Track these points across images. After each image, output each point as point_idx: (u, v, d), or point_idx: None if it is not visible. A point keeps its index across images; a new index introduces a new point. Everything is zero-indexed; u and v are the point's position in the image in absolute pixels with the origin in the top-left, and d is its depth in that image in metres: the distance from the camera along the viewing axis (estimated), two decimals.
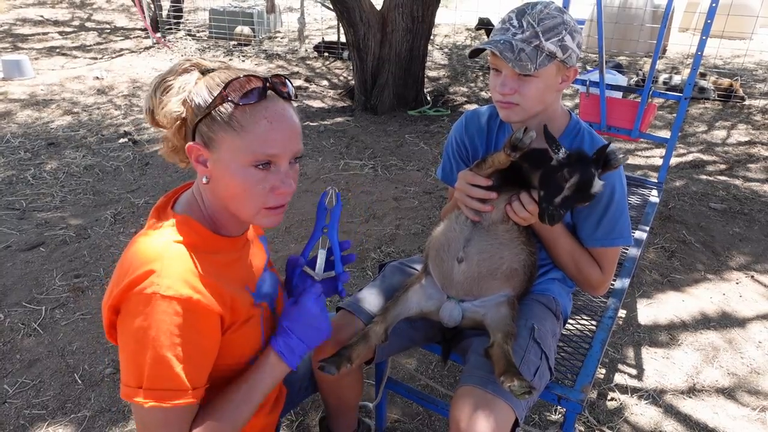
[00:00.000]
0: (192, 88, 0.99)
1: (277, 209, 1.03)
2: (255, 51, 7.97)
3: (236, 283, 1.07)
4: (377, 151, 4.58)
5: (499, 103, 1.37)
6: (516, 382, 1.13)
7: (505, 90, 1.31)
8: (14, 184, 3.78)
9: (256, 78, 0.97)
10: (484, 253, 1.33)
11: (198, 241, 1.01)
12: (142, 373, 0.92)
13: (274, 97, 0.99)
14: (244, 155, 0.95)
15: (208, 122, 0.97)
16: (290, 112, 1.01)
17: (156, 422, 0.95)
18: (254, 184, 0.97)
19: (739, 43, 8.32)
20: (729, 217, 3.57)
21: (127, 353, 0.94)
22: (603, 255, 1.43)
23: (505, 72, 1.31)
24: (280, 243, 3.12)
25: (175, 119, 1.00)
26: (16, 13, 9.77)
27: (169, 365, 0.92)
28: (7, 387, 2.08)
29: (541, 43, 1.26)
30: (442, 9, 6.31)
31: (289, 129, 0.99)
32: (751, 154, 4.71)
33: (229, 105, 0.95)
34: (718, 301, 2.74)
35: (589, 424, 1.99)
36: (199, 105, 0.97)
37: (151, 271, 0.91)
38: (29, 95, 5.70)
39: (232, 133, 0.95)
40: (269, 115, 0.96)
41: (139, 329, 0.91)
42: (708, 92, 6.02)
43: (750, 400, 2.13)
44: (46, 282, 2.71)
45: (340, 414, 1.68)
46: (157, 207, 1.06)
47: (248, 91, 0.95)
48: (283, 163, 0.99)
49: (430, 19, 5.47)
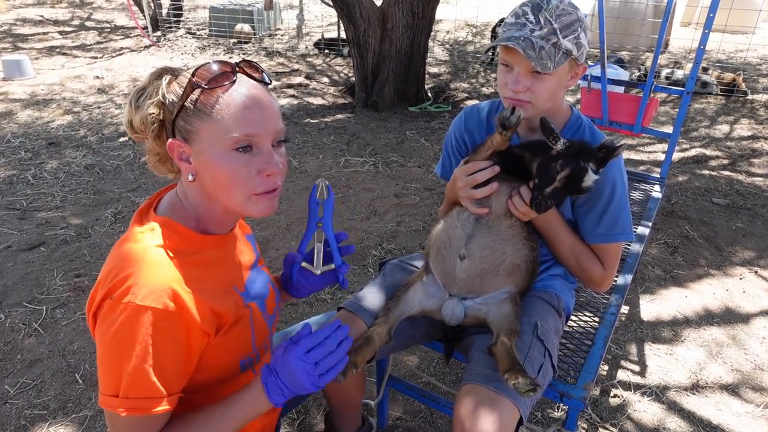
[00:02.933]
0: (164, 89, 0.99)
1: (268, 194, 1.00)
2: (255, 48, 7.95)
3: (223, 285, 1.06)
4: (378, 147, 4.57)
5: (509, 100, 1.34)
6: (521, 379, 1.12)
7: (518, 87, 1.28)
8: (15, 183, 3.77)
9: (224, 62, 0.98)
10: (486, 249, 1.32)
11: (180, 242, 1.00)
12: (119, 381, 0.92)
13: (244, 79, 0.99)
14: (223, 140, 0.94)
15: (183, 115, 0.97)
16: (263, 91, 1.00)
17: (128, 429, 0.96)
18: (239, 169, 0.96)
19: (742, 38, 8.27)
20: (732, 213, 3.55)
21: (103, 361, 0.94)
22: (605, 251, 1.41)
23: (518, 69, 1.28)
24: (281, 241, 3.11)
25: (152, 122, 1.00)
26: (16, 13, 9.77)
27: (146, 375, 0.91)
28: (8, 387, 2.08)
29: (559, 40, 1.25)
30: (442, 5, 6.28)
31: (264, 107, 0.97)
32: (754, 149, 4.68)
33: (200, 91, 0.95)
34: (721, 296, 2.72)
35: (592, 421, 1.98)
36: (173, 101, 0.97)
37: (129, 280, 0.91)
38: (30, 95, 5.69)
39: (207, 120, 0.95)
40: (242, 95, 0.96)
41: (114, 338, 0.91)
42: (711, 87, 5.99)
43: (754, 396, 2.12)
44: (46, 282, 2.70)
45: (343, 412, 1.68)
46: (139, 211, 1.06)
47: (217, 75, 0.95)
48: (264, 143, 0.98)
49: (431, 15, 5.44)
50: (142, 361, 0.91)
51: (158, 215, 1.03)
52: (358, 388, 1.61)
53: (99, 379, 0.95)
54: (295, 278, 1.29)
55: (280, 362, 1.02)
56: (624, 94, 3.45)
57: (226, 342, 1.04)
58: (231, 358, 1.09)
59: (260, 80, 1.02)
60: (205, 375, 1.04)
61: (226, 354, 1.08)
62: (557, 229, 1.39)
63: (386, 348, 1.45)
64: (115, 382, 0.92)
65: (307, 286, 1.31)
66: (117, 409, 0.92)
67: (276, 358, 1.04)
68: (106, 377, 0.93)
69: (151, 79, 1.01)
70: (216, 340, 1.03)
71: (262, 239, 3.10)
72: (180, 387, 0.99)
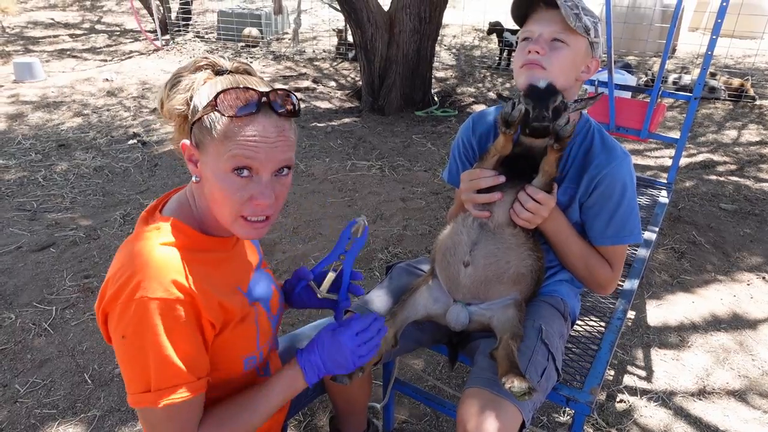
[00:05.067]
0: (197, 88, 0.99)
1: (255, 223, 1.01)
2: (263, 52, 8.00)
3: (227, 285, 1.08)
4: (384, 151, 4.59)
5: (525, 65, 1.32)
6: (516, 382, 1.12)
7: (537, 47, 1.28)
8: (25, 185, 3.81)
9: (253, 91, 0.95)
10: (490, 257, 1.32)
11: (185, 241, 1.01)
12: (148, 375, 0.93)
13: (267, 111, 0.96)
14: (224, 161, 0.95)
15: (199, 126, 0.97)
16: (281, 125, 0.98)
17: (166, 420, 0.96)
18: (233, 192, 0.96)
19: (750, 43, 8.25)
20: (740, 218, 3.54)
21: (127, 362, 0.95)
22: (612, 253, 1.41)
23: (539, 32, 1.31)
24: (288, 244, 3.13)
25: (177, 116, 1.01)
26: (28, 16, 9.87)
27: (172, 362, 0.93)
28: (18, 386, 2.10)
29: (581, 12, 1.28)
30: (449, 9, 6.30)
31: (273, 141, 0.96)
32: (762, 155, 4.66)
33: (218, 114, 0.94)
34: (728, 302, 2.71)
35: (598, 426, 1.97)
36: (196, 107, 0.98)
37: (137, 276, 0.92)
38: (40, 97, 5.75)
39: (216, 140, 0.95)
40: (255, 126, 0.95)
41: (134, 335, 0.92)
42: (718, 92, 5.97)
43: (761, 402, 2.11)
44: (56, 282, 2.73)
45: (349, 415, 1.68)
46: (145, 212, 1.07)
47: (240, 105, 0.94)
48: (264, 173, 0.97)
49: (438, 19, 5.46)
50: (165, 350, 0.92)
51: (164, 215, 1.04)
52: (363, 391, 1.61)
53: (126, 381, 0.95)
54: (297, 292, 1.32)
55: (327, 341, 1.12)
56: (631, 99, 3.45)
57: (231, 339, 1.06)
58: (236, 356, 1.11)
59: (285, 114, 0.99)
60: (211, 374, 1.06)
61: (232, 351, 1.09)
62: (566, 234, 1.39)
63: (392, 351, 1.46)
64: (143, 378, 0.93)
65: (306, 302, 1.34)
66: (154, 403, 0.92)
67: (322, 338, 1.13)
68: (134, 375, 0.94)
69: (192, 68, 1.01)
70: (222, 336, 1.04)
71: (269, 242, 3.12)
72: (206, 371, 1.00)
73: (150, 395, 0.93)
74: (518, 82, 1.35)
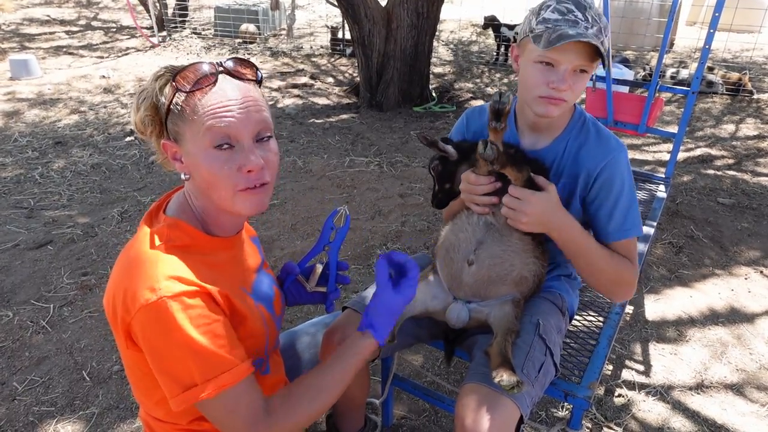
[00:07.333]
0: (157, 90, 1.01)
1: (252, 190, 1.00)
2: (260, 48, 7.98)
3: (233, 286, 1.08)
4: (383, 147, 4.58)
5: (546, 99, 1.29)
6: (505, 376, 1.12)
7: (564, 86, 1.25)
8: (22, 182, 3.80)
9: (208, 64, 0.98)
10: (495, 258, 1.32)
11: (190, 243, 1.02)
12: (191, 370, 0.93)
13: (226, 79, 0.99)
14: (202, 139, 0.96)
15: (171, 117, 0.99)
16: (245, 87, 0.99)
17: (225, 409, 0.96)
18: (220, 166, 0.97)
19: (748, 37, 8.24)
20: (737, 212, 3.54)
21: (167, 365, 0.94)
22: (624, 248, 1.36)
23: (565, 66, 1.25)
24: (286, 240, 3.13)
25: (150, 122, 1.02)
26: (24, 12, 9.83)
27: (211, 351, 0.94)
28: (16, 384, 2.10)
29: (604, 40, 1.25)
30: (447, 5, 6.29)
31: (241, 102, 0.97)
32: (759, 149, 4.66)
33: (182, 95, 0.96)
34: (726, 296, 2.72)
35: (596, 420, 1.98)
36: (163, 103, 0.99)
37: (148, 282, 0.93)
38: (36, 94, 5.73)
39: (189, 121, 0.96)
40: (219, 94, 0.96)
41: (166, 337, 0.92)
42: (716, 86, 5.97)
43: (759, 396, 2.12)
44: (54, 280, 2.73)
45: (347, 412, 1.68)
46: (149, 212, 1.07)
47: (198, 79, 0.96)
48: (244, 140, 0.97)
49: (435, 14, 5.45)
50: (198, 342, 0.92)
51: (168, 216, 1.05)
52: (361, 388, 1.61)
53: (167, 386, 0.95)
54: (286, 287, 1.32)
55: (388, 293, 1.11)
56: (629, 94, 3.44)
57: (240, 335, 1.06)
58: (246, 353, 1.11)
59: (247, 78, 1.01)
60: None
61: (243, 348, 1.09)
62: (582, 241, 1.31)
63: (390, 347, 1.46)
64: (187, 374, 0.94)
65: (296, 297, 1.34)
66: (206, 394, 0.93)
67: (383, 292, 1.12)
68: (176, 375, 0.94)
69: (152, 79, 1.03)
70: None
71: (267, 239, 3.12)
72: (244, 352, 1.00)
73: (198, 388, 0.93)
74: (534, 109, 1.32)
